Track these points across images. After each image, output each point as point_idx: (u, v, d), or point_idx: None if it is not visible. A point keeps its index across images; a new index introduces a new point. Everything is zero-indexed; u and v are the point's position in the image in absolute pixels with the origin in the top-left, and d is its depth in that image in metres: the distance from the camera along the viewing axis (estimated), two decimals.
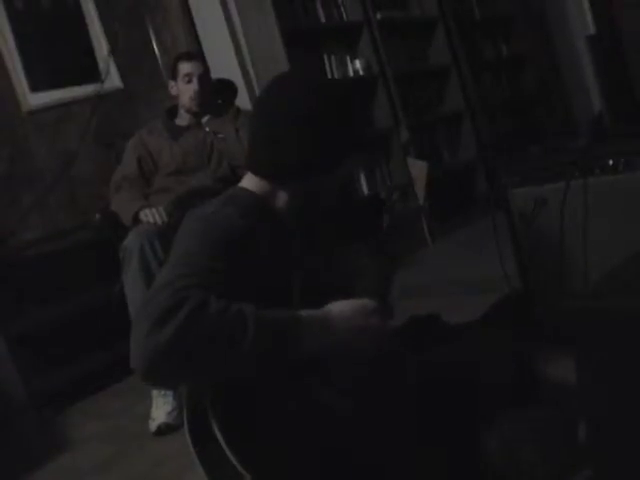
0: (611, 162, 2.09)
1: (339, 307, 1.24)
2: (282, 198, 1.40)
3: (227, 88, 3.40)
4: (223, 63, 3.86)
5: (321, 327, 1.19)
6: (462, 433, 1.27)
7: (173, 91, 3.07)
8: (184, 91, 3.00)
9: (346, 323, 1.22)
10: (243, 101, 3.36)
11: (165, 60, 3.98)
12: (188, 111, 3.02)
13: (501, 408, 1.30)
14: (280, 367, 1.14)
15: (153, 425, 2.56)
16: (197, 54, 3.43)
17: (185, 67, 3.00)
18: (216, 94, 3.19)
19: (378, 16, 4.54)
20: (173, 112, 3.11)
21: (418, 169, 4.40)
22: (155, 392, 2.62)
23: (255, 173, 1.41)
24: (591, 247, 2.12)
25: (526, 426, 1.27)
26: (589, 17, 5.85)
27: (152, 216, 2.70)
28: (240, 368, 1.11)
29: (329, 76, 4.34)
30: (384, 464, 1.19)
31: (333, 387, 1.21)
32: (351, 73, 4.44)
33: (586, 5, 5.87)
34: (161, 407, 2.58)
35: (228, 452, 1.08)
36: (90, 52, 3.80)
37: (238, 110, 3.10)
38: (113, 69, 3.86)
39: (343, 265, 1.48)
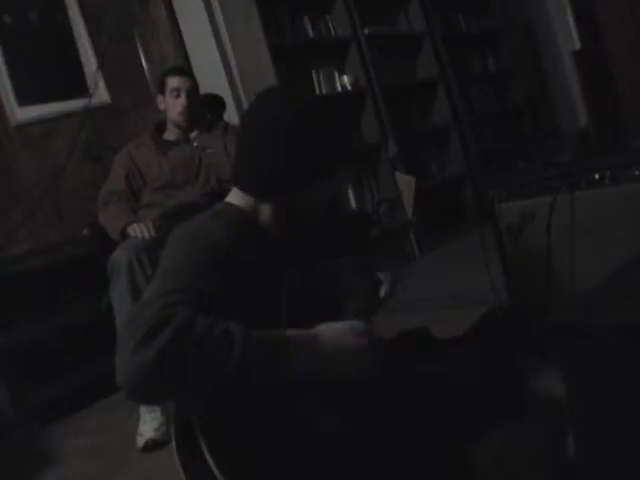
0: (597, 176, 2.11)
1: (328, 328, 1.23)
2: (267, 213, 1.40)
3: (216, 103, 3.40)
4: (211, 78, 3.87)
5: (309, 347, 1.18)
6: (452, 445, 1.27)
7: (161, 106, 3.06)
8: (172, 106, 3.00)
9: (334, 344, 1.21)
10: (231, 116, 3.37)
11: (153, 75, 3.98)
12: (176, 126, 3.02)
13: (490, 421, 1.30)
14: (267, 385, 1.14)
15: (140, 441, 2.55)
16: (185, 69, 3.43)
17: (173, 82, 3.00)
18: (205, 109, 3.19)
19: (366, 31, 4.57)
20: (161, 127, 3.11)
21: (406, 183, 4.41)
22: (142, 408, 2.60)
23: (240, 188, 1.42)
24: (578, 260, 2.13)
25: (515, 438, 1.27)
26: (574, 33, 5.92)
27: (140, 230, 2.69)
28: (226, 386, 1.10)
29: (317, 91, 4.36)
30: None
31: (323, 408, 1.21)
32: (339, 88, 4.47)
33: (571, 21, 5.95)
34: (148, 423, 2.56)
35: (215, 469, 1.08)
36: (78, 66, 3.81)
37: (226, 125, 3.10)
38: (101, 83, 3.86)
39: (330, 280, 1.48)
